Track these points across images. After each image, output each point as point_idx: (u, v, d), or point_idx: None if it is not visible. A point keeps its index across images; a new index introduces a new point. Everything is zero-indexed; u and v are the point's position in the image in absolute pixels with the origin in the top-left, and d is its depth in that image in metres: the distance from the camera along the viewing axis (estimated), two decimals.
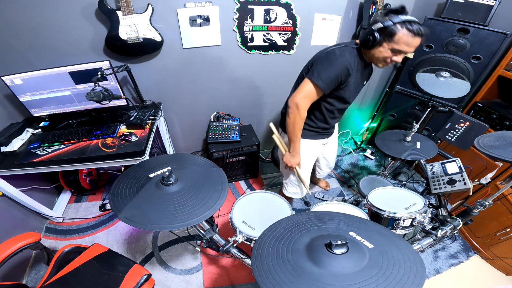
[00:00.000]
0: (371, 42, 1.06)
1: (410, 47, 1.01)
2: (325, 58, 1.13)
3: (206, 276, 1.64)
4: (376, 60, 1.12)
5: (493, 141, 1.12)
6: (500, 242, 1.60)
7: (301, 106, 1.19)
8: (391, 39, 1.02)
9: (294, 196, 1.67)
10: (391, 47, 1.03)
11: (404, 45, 1.00)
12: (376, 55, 1.09)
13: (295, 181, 1.60)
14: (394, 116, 2.36)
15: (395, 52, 1.04)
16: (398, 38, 1.00)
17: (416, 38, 0.99)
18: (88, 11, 1.55)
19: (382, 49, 1.06)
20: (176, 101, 2.13)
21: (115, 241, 1.85)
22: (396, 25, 0.99)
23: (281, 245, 0.73)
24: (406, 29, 0.98)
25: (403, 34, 0.99)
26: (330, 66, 1.11)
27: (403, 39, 1.00)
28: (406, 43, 1.00)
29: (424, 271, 0.64)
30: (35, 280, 1.60)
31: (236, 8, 1.75)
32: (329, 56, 1.12)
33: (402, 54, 1.05)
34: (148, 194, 0.91)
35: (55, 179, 2.08)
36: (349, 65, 1.11)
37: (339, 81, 1.14)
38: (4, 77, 1.52)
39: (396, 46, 1.02)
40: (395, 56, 1.06)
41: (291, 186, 1.64)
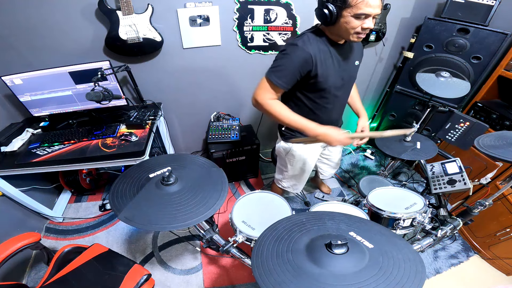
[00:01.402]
0: (329, 17, 0.96)
1: (372, 7, 0.91)
2: (280, 53, 1.06)
3: (206, 276, 1.64)
4: (346, 35, 1.00)
5: (493, 141, 1.11)
6: (500, 242, 1.60)
7: (259, 100, 1.10)
8: (346, 5, 0.92)
9: (288, 189, 1.66)
10: (352, 13, 0.93)
11: (364, 6, 0.90)
12: (342, 29, 0.99)
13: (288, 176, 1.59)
14: (394, 116, 2.36)
15: (359, 17, 0.93)
16: (352, 1, 0.90)
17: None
18: (88, 11, 1.55)
19: (344, 19, 0.95)
20: (176, 101, 2.13)
21: (115, 241, 1.85)
22: None
23: (281, 245, 0.73)
24: None
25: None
26: (285, 60, 1.04)
27: (361, 1, 0.90)
28: (366, 4, 0.90)
29: (424, 271, 0.64)
30: (35, 280, 1.60)
31: (236, 8, 1.75)
32: (283, 51, 1.05)
33: (370, 18, 0.95)
34: (148, 194, 0.91)
35: (55, 179, 2.08)
36: (306, 55, 1.01)
37: (300, 75, 1.06)
38: (4, 77, 1.52)
39: (356, 10, 0.91)
40: (364, 23, 0.95)
41: (285, 182, 1.64)
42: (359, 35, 0.99)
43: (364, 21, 0.95)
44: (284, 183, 1.65)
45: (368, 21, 0.95)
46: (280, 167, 1.60)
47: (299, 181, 1.61)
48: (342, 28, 0.98)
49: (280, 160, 1.56)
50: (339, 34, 1.03)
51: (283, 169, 1.57)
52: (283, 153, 1.47)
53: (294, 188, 1.65)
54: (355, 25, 0.96)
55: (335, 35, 1.06)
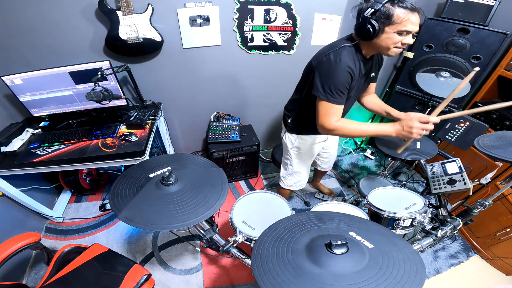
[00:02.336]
0: (371, 32, 0.97)
1: (414, 24, 0.93)
2: (325, 69, 1.05)
3: (206, 276, 1.64)
4: (386, 50, 1.02)
5: (493, 141, 1.12)
6: (500, 242, 1.60)
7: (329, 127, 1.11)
8: (390, 21, 0.94)
9: (292, 188, 1.67)
10: (395, 30, 0.95)
11: (408, 23, 0.93)
12: (383, 44, 1.00)
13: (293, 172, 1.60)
14: None
15: (402, 33, 0.96)
16: (397, 17, 0.92)
17: (415, 14, 0.92)
18: (88, 11, 1.55)
19: (387, 35, 0.97)
20: (176, 101, 2.13)
21: (115, 241, 1.85)
22: (387, 5, 0.93)
23: (281, 245, 0.73)
24: (400, 7, 0.92)
25: (400, 12, 0.92)
26: (333, 77, 1.03)
27: (402, 17, 0.92)
28: (408, 20, 0.92)
29: (424, 271, 0.64)
30: (35, 280, 1.60)
31: (236, 8, 1.75)
32: (328, 65, 1.04)
33: (410, 35, 0.97)
34: (148, 194, 0.91)
35: (55, 179, 2.08)
36: (349, 69, 1.03)
37: (348, 88, 1.08)
38: (4, 77, 1.52)
39: (400, 27, 0.94)
40: (405, 38, 0.98)
41: (289, 179, 1.64)
42: (397, 49, 1.02)
43: (405, 37, 0.98)
44: (288, 180, 1.65)
45: (409, 37, 0.98)
46: (285, 161, 1.61)
47: (302, 176, 1.62)
48: (383, 43, 1.00)
49: (286, 153, 1.57)
50: (377, 48, 1.05)
51: (288, 163, 1.59)
52: (289, 145, 1.49)
53: (297, 185, 1.66)
54: (396, 41, 0.98)
55: (371, 49, 1.08)
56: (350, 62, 1.04)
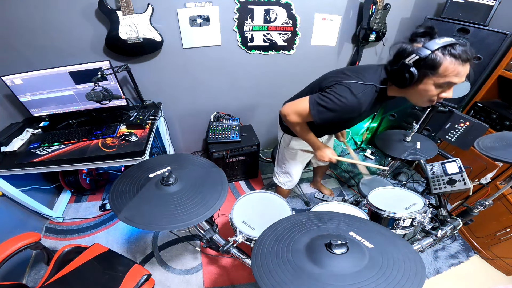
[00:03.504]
0: (408, 81, 0.83)
1: (461, 77, 0.79)
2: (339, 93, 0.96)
3: (206, 276, 1.64)
4: (418, 100, 0.91)
5: (493, 142, 1.11)
6: (500, 242, 1.60)
7: (291, 119, 1.12)
8: (434, 73, 0.80)
9: (284, 186, 1.67)
10: (436, 82, 0.82)
11: (454, 76, 0.79)
12: (417, 94, 0.88)
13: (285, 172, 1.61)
14: (394, 116, 2.36)
15: (443, 86, 0.83)
16: (444, 69, 0.78)
17: (466, 65, 0.78)
18: (88, 11, 1.55)
19: (424, 86, 0.84)
20: (176, 101, 2.13)
21: (115, 241, 1.85)
22: (437, 53, 0.78)
23: (281, 245, 0.73)
24: (451, 56, 0.77)
25: (449, 63, 0.77)
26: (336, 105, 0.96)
27: (450, 70, 0.78)
28: (455, 73, 0.78)
29: (424, 271, 0.64)
30: (35, 280, 1.60)
31: (236, 8, 1.75)
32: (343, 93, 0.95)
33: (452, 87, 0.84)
34: (148, 194, 0.91)
35: (55, 179, 2.08)
36: (357, 109, 0.96)
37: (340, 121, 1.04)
38: (4, 77, 1.52)
39: (443, 79, 0.80)
40: (444, 92, 0.84)
41: (282, 176, 1.65)
42: (433, 102, 0.89)
43: (445, 90, 0.85)
44: (280, 177, 1.66)
45: (449, 92, 0.85)
46: (280, 158, 1.62)
47: (293, 177, 1.62)
48: (418, 94, 0.88)
49: (280, 151, 1.58)
50: (408, 96, 0.94)
51: (282, 161, 1.60)
52: (283, 145, 1.50)
53: (288, 184, 1.66)
54: (433, 94, 0.85)
55: (399, 93, 0.96)
56: (364, 102, 0.95)
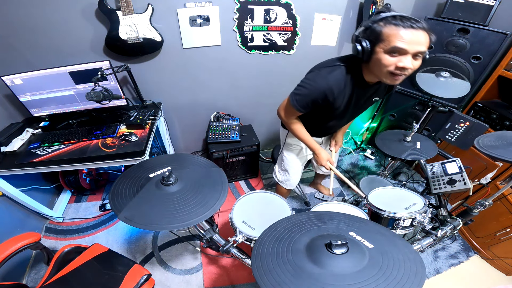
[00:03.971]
0: (361, 54, 0.90)
1: (405, 42, 0.81)
2: (308, 78, 1.06)
3: (206, 276, 1.64)
4: (380, 73, 0.92)
5: (493, 141, 1.11)
6: (500, 242, 1.60)
7: (282, 116, 1.23)
8: (379, 40, 0.85)
9: (282, 185, 1.68)
10: (384, 49, 0.85)
11: (397, 40, 0.82)
12: (376, 67, 0.91)
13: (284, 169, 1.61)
14: (394, 116, 2.36)
15: (392, 52, 0.85)
16: (386, 35, 0.83)
17: (408, 31, 0.81)
18: (88, 11, 1.55)
19: (377, 56, 0.88)
20: (176, 101, 2.13)
21: (115, 241, 1.85)
22: (378, 22, 0.85)
23: (281, 245, 0.73)
24: (391, 24, 0.83)
25: (389, 29, 0.83)
26: (307, 89, 1.04)
27: (392, 35, 0.82)
28: (398, 37, 0.81)
29: (424, 271, 0.64)
30: (35, 280, 1.60)
31: (236, 8, 1.75)
32: (311, 77, 1.04)
33: (404, 55, 0.84)
34: (148, 194, 0.91)
35: (55, 179, 2.08)
36: (328, 90, 1.00)
37: (316, 105, 1.08)
38: (4, 77, 1.52)
39: (389, 44, 0.83)
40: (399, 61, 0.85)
41: (281, 174, 1.66)
42: (394, 76, 0.89)
43: (397, 57, 0.85)
44: (279, 175, 1.67)
45: (403, 59, 0.85)
46: (280, 155, 1.62)
47: (291, 176, 1.61)
48: (376, 66, 0.91)
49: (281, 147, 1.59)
50: (374, 73, 0.96)
51: (281, 157, 1.60)
52: (282, 140, 1.51)
53: (287, 183, 1.66)
54: (387, 63, 0.86)
55: (372, 75, 0.99)
56: (334, 83, 1.00)
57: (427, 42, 0.85)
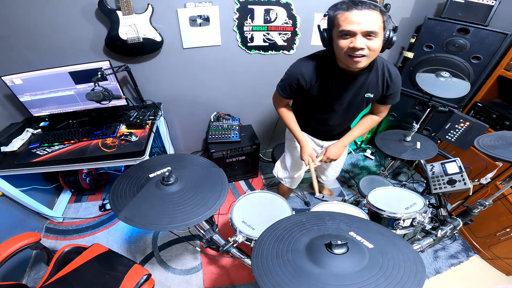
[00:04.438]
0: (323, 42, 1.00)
1: (351, 23, 0.86)
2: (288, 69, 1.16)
3: (206, 276, 1.64)
4: (341, 58, 0.97)
5: (493, 141, 1.11)
6: (500, 242, 1.60)
7: (273, 103, 1.34)
8: (333, 26, 0.92)
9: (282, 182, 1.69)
10: (337, 34, 0.91)
11: (344, 23, 0.87)
12: (337, 52, 0.97)
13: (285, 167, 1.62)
14: (394, 116, 2.36)
15: (342, 36, 0.90)
16: (336, 21, 0.90)
17: (353, 12, 0.85)
18: (88, 11, 1.55)
19: (335, 41, 0.94)
20: (176, 101, 2.13)
21: (115, 241, 1.85)
22: (330, 10, 0.93)
23: (281, 245, 0.73)
24: (337, 9, 0.89)
25: (338, 14, 0.89)
26: (285, 75, 1.16)
27: (339, 19, 0.88)
28: (343, 19, 0.87)
29: (424, 271, 0.64)
30: (35, 280, 1.60)
31: (236, 8, 1.75)
32: (291, 66, 1.15)
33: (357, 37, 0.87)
34: (148, 194, 0.91)
35: (55, 179, 2.08)
36: (300, 75, 1.09)
37: (292, 90, 1.17)
38: (4, 77, 1.52)
39: (339, 28, 0.89)
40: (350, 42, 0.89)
41: (280, 171, 1.67)
42: (353, 58, 0.92)
43: (346, 39, 0.90)
44: (280, 172, 1.68)
45: (352, 40, 0.89)
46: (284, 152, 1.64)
47: (290, 174, 1.61)
48: (337, 51, 0.97)
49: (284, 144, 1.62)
50: (339, 59, 1.00)
51: (284, 153, 1.62)
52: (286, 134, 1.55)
53: (286, 181, 1.67)
54: (342, 45, 0.91)
55: (340, 61, 1.02)
56: (306, 69, 1.09)
57: (377, 21, 0.87)
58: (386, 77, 1.12)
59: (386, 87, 1.15)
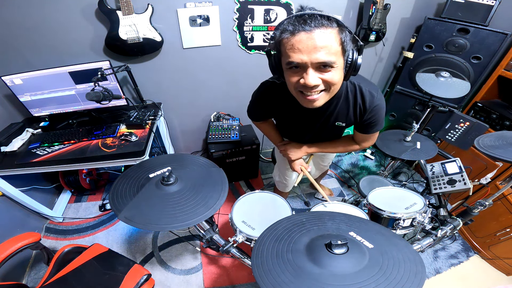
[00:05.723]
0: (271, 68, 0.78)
1: (298, 52, 0.66)
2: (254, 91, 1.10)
3: (206, 276, 1.64)
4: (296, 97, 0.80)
5: (493, 141, 1.11)
6: (500, 242, 1.60)
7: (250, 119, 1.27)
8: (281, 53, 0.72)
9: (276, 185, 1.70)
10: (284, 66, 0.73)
11: (290, 51, 0.68)
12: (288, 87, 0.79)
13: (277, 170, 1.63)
14: (394, 116, 2.36)
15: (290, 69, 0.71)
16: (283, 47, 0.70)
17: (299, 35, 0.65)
18: (88, 11, 1.55)
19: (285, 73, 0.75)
20: (176, 101, 2.13)
21: (115, 241, 1.85)
22: (277, 31, 0.70)
23: (281, 245, 0.73)
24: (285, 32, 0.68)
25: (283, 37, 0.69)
26: (251, 102, 1.13)
27: (287, 46, 0.68)
28: (291, 48, 0.67)
29: (424, 271, 0.64)
30: (35, 280, 1.60)
31: (236, 8, 1.75)
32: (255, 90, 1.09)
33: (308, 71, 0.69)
34: (148, 194, 0.91)
35: (55, 179, 2.08)
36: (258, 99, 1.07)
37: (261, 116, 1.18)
38: (4, 77, 1.52)
39: (285, 59, 0.70)
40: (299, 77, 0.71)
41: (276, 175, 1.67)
42: (306, 97, 0.74)
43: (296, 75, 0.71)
44: (276, 176, 1.68)
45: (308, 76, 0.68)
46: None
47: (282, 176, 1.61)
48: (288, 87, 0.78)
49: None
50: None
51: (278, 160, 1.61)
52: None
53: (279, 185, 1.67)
54: (291, 81, 0.73)
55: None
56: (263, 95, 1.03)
57: (333, 46, 0.67)
58: (359, 104, 0.92)
59: (360, 115, 0.96)
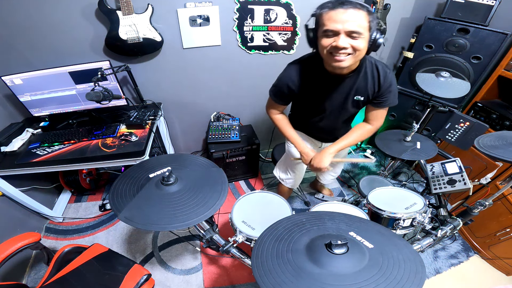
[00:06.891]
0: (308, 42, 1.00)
1: (335, 22, 0.86)
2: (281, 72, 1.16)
3: (206, 276, 1.64)
4: (324, 57, 0.97)
5: (493, 141, 1.11)
6: (500, 242, 1.60)
7: (268, 114, 1.32)
8: (318, 25, 0.92)
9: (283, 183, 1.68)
10: (321, 33, 0.91)
11: (328, 22, 0.87)
12: (320, 51, 0.96)
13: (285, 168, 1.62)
14: (394, 116, 2.36)
15: (326, 35, 0.90)
16: (321, 20, 0.89)
17: (337, 11, 0.85)
18: (88, 11, 1.55)
19: (319, 41, 0.94)
20: (176, 101, 2.13)
21: (115, 241, 1.85)
22: (317, 10, 0.92)
23: (281, 245, 0.73)
24: (324, 8, 0.88)
25: (322, 14, 0.89)
26: (276, 81, 1.16)
27: (323, 18, 0.88)
28: (328, 19, 0.87)
29: (424, 271, 0.64)
30: (35, 280, 1.60)
31: (236, 8, 1.75)
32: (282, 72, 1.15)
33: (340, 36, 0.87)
34: (148, 194, 0.91)
35: (55, 179, 2.08)
36: (289, 80, 1.10)
37: (284, 95, 1.17)
38: (4, 77, 1.52)
39: (322, 28, 0.89)
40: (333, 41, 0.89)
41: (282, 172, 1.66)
42: (334, 57, 0.92)
43: (329, 38, 0.90)
44: (281, 173, 1.67)
45: (335, 40, 0.88)
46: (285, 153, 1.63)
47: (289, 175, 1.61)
48: (321, 51, 0.96)
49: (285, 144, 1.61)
50: (324, 60, 1.01)
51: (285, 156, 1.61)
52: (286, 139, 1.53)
53: (288, 181, 1.66)
54: (324, 44, 0.91)
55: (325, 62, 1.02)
56: (293, 73, 1.10)
57: (362, 22, 0.86)
58: (375, 78, 1.08)
59: (377, 87, 1.09)
